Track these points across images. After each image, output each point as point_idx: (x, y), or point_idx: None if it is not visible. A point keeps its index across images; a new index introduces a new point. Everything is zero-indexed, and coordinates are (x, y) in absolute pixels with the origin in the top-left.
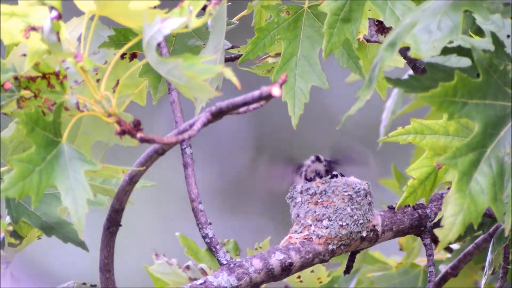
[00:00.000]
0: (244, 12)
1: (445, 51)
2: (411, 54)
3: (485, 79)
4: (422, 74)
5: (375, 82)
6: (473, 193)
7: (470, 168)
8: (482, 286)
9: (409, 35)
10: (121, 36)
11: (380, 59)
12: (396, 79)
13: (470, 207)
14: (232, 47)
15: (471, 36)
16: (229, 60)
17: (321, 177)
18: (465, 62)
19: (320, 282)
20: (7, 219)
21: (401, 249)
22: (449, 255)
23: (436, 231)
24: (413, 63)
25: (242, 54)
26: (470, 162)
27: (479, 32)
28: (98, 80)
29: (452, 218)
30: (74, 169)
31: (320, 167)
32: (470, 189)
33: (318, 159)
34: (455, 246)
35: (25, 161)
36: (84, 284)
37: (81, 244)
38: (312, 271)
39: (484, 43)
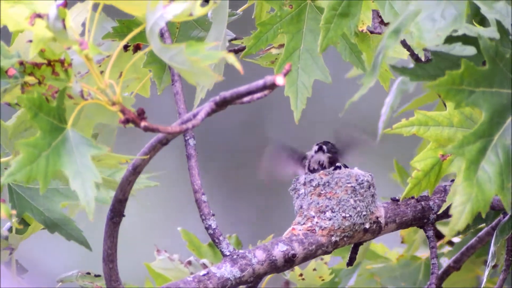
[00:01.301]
0: (247, 5)
1: (450, 39)
2: (415, 42)
3: (492, 67)
4: (427, 63)
5: (378, 69)
6: (480, 182)
7: (478, 157)
8: (485, 278)
9: (413, 23)
10: (124, 28)
11: (384, 47)
12: (402, 68)
13: (478, 195)
14: (235, 39)
15: (475, 25)
16: (233, 52)
17: (324, 167)
18: (470, 50)
19: (322, 280)
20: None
21: (402, 242)
22: (450, 248)
23: (439, 224)
24: (415, 55)
25: (246, 46)
26: (477, 151)
27: (483, 23)
28: (101, 72)
29: (461, 207)
30: (81, 154)
31: (323, 158)
32: (478, 178)
33: (321, 149)
34: (456, 239)
35: (31, 145)
36: (88, 273)
37: (84, 243)
38: (314, 269)
39: (489, 32)
